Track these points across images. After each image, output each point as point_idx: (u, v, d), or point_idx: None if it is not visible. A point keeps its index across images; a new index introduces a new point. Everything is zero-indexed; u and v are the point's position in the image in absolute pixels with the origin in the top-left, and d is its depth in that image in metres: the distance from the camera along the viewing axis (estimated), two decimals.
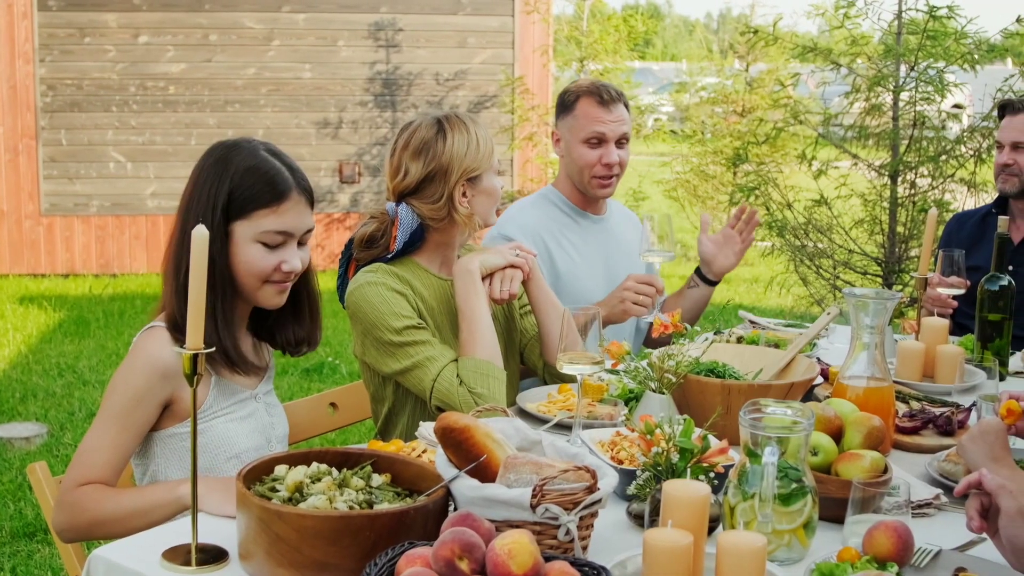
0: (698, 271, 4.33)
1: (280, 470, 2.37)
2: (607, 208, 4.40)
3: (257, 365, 3.01)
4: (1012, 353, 4.06)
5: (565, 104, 4.24)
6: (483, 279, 3.39)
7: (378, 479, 2.40)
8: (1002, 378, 3.79)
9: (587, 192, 4.26)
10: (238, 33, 11.76)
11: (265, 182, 2.84)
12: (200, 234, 2.22)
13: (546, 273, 4.15)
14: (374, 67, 12.03)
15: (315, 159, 11.88)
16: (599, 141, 4.16)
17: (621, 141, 4.19)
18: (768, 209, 8.30)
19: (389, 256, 3.42)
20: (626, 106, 4.24)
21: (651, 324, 3.62)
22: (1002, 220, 3.97)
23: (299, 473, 2.34)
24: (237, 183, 2.82)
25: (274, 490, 2.31)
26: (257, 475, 2.36)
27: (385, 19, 11.97)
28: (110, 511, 2.68)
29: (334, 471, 2.39)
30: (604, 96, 4.15)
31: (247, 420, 2.96)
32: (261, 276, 2.87)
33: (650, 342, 4.35)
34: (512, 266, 3.45)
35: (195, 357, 2.25)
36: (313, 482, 2.33)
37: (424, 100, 12.11)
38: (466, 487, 2.22)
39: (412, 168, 3.36)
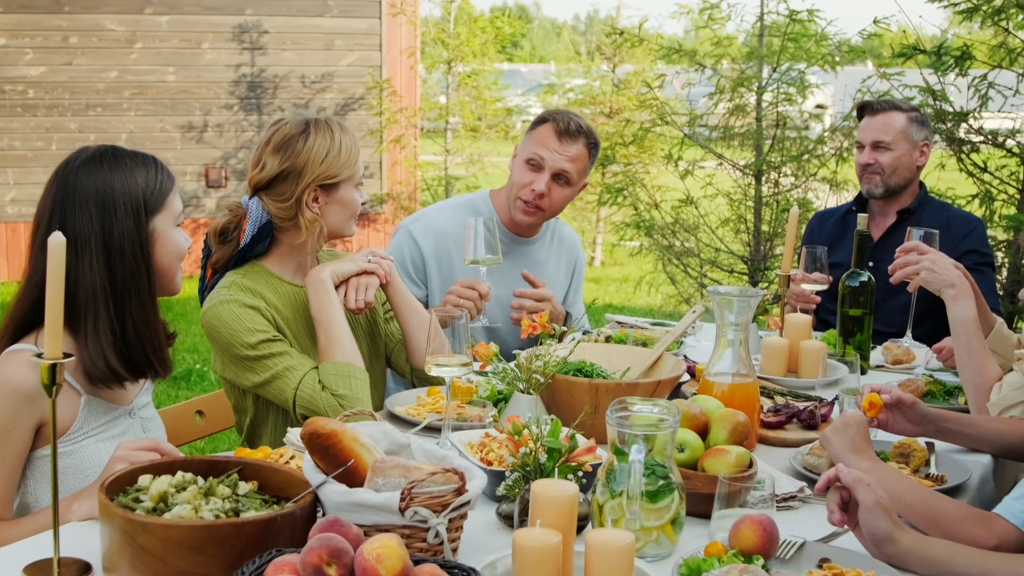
0: None
1: (144, 480, 2.33)
2: (542, 233, 4.39)
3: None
4: (873, 347, 4.15)
5: (533, 123, 4.21)
6: (338, 287, 3.37)
7: (245, 487, 2.37)
8: (864, 372, 3.88)
9: (511, 210, 4.24)
10: (99, 35, 11.52)
11: (160, 167, 2.84)
12: (57, 241, 2.16)
13: (439, 280, 4.13)
14: (239, 70, 11.89)
15: (180, 163, 11.69)
16: (537, 166, 4.14)
17: (559, 176, 4.14)
18: (636, 209, 8.39)
19: (238, 251, 3.39)
20: (591, 149, 4.17)
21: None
22: (861, 218, 4.06)
23: (163, 483, 2.29)
24: (145, 177, 2.78)
25: (138, 500, 2.26)
26: (120, 486, 2.31)
27: (250, 21, 11.84)
28: (11, 543, 2.59)
29: (200, 480, 2.35)
30: (562, 125, 4.12)
31: (119, 439, 2.85)
32: (181, 259, 2.88)
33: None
34: (366, 272, 3.43)
35: (53, 368, 2.19)
36: (178, 491, 2.29)
37: (291, 103, 12.00)
38: (334, 492, 2.20)
39: (269, 163, 3.33)
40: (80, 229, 2.71)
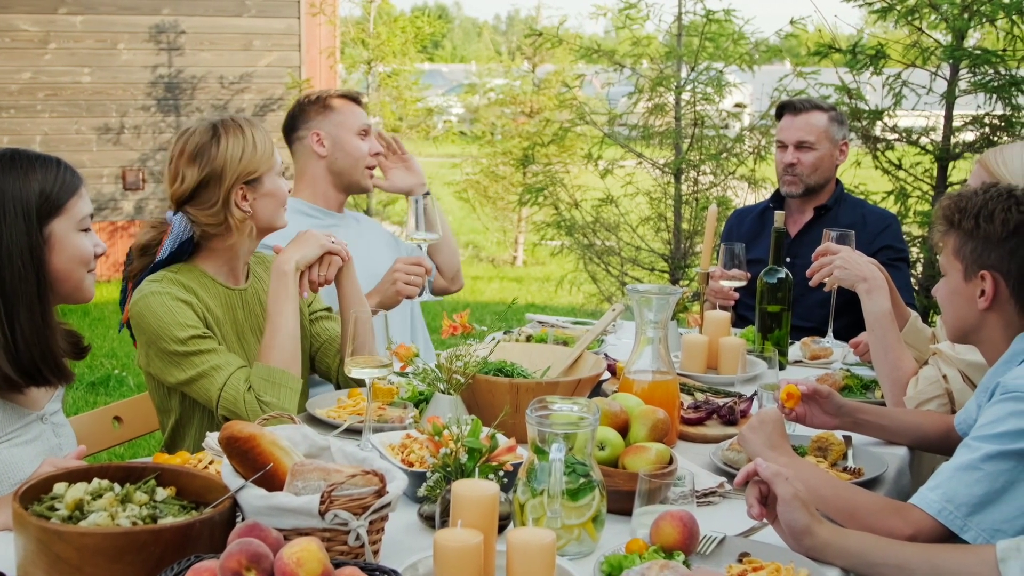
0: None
1: (59, 488, 2.29)
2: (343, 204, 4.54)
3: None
4: (791, 343, 4.19)
5: (323, 104, 4.36)
6: (302, 274, 3.40)
7: (163, 493, 2.34)
8: (782, 367, 3.91)
9: (357, 184, 4.40)
10: (12, 36, 11.33)
11: (63, 170, 2.79)
12: None
13: None
14: (156, 71, 11.76)
15: (97, 166, 11.55)
16: (367, 132, 4.36)
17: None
18: (557, 208, 8.41)
19: (152, 265, 3.35)
20: None
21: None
22: (778, 215, 4.10)
23: (79, 490, 2.26)
24: (43, 180, 2.73)
25: (53, 509, 2.23)
26: (35, 494, 2.27)
27: (167, 21, 11.71)
28: None
29: (116, 487, 2.32)
30: (355, 97, 4.42)
31: (32, 444, 2.83)
32: (86, 265, 2.82)
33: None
34: (330, 252, 3.46)
35: None
36: (94, 499, 2.25)
37: (209, 104, 11.90)
38: (253, 497, 2.19)
39: (188, 174, 3.30)
40: None
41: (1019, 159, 3.31)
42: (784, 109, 4.93)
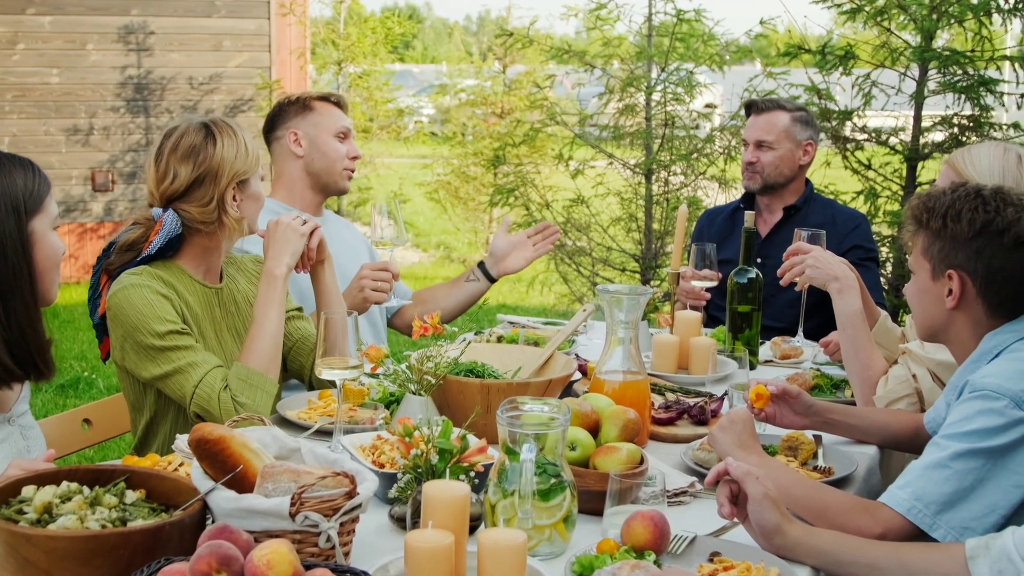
0: (482, 266, 4.48)
1: (28, 491, 2.27)
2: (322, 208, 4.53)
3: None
4: (762, 343, 4.20)
5: (303, 105, 4.37)
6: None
7: (132, 495, 2.33)
8: (752, 367, 3.92)
9: (335, 185, 4.39)
10: None
11: (37, 170, 2.80)
12: None
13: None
14: (126, 71, 11.70)
15: (65, 167, 11.48)
16: (346, 135, 4.37)
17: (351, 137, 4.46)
18: (527, 209, 8.41)
19: (139, 259, 3.34)
20: None
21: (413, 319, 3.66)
22: (748, 215, 4.10)
23: (47, 493, 2.24)
24: (24, 178, 2.74)
25: (21, 512, 2.21)
26: (3, 498, 2.26)
27: (136, 22, 11.66)
28: None
29: (85, 489, 2.31)
30: (334, 99, 4.42)
31: (0, 446, 2.82)
32: (57, 265, 2.83)
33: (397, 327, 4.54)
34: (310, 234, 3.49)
35: None
36: (63, 502, 2.24)
37: (178, 105, 11.85)
38: (223, 499, 2.18)
39: (181, 172, 3.31)
40: None
41: (987, 159, 3.33)
42: (750, 108, 4.97)
